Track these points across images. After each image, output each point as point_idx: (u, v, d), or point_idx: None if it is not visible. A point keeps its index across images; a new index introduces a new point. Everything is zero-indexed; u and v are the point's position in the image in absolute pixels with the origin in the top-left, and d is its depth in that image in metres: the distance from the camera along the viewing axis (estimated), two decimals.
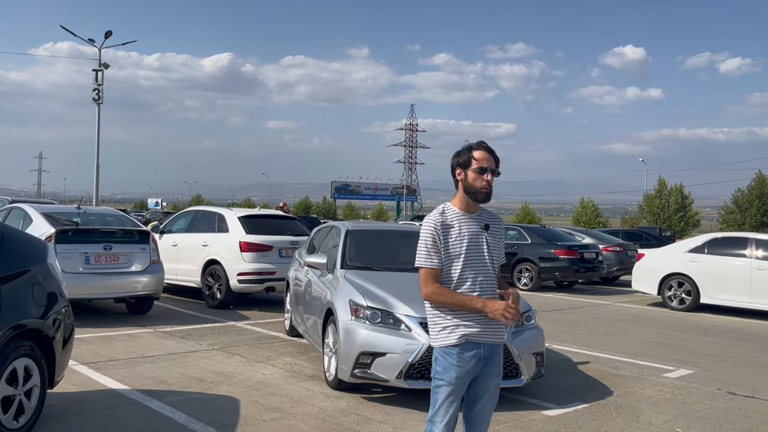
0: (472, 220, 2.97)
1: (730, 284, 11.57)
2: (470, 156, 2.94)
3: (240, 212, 10.88)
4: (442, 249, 2.90)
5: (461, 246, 2.90)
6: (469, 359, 2.89)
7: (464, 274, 2.90)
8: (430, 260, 2.91)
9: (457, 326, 2.89)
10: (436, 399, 2.91)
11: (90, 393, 5.29)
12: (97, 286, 8.46)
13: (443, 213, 2.97)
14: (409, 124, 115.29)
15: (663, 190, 55.02)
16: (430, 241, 2.91)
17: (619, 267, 16.60)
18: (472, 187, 2.93)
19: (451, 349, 2.89)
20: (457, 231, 2.92)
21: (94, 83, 31.84)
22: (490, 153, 2.97)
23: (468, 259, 2.90)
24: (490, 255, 2.96)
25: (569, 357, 7.45)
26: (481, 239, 2.95)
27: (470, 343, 2.89)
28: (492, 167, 2.95)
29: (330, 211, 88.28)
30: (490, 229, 3.00)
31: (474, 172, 2.93)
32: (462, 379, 2.90)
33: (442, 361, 2.91)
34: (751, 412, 5.49)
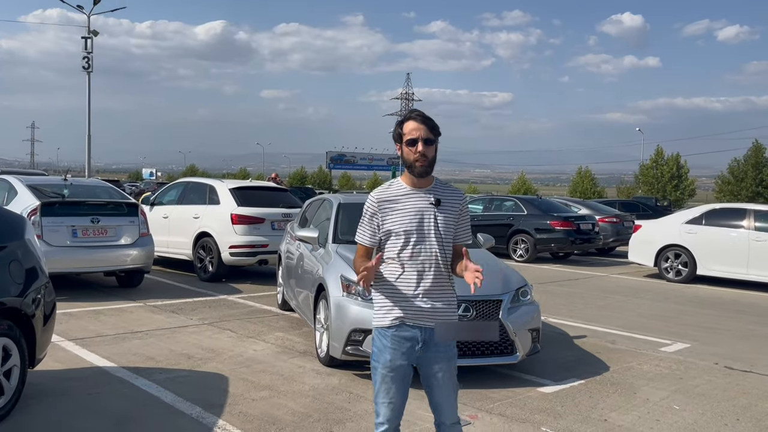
0: (420, 196, 2.79)
1: (727, 256, 11.48)
2: (401, 129, 2.78)
3: (231, 184, 10.68)
4: (383, 226, 2.77)
5: (403, 223, 2.75)
6: (403, 342, 2.75)
7: (405, 252, 2.75)
8: (362, 236, 2.84)
9: (392, 307, 2.76)
10: (375, 380, 2.80)
11: (75, 371, 5.16)
12: (85, 260, 8.30)
13: (388, 188, 2.84)
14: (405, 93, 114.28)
15: (659, 160, 54.83)
16: (366, 217, 2.83)
17: (616, 238, 16.51)
18: (407, 161, 2.77)
19: (385, 331, 2.77)
20: (401, 207, 2.77)
21: (84, 51, 31.28)
22: (421, 121, 2.77)
23: (410, 237, 2.74)
24: (438, 232, 2.76)
25: (565, 331, 7.36)
26: (428, 215, 2.76)
27: (406, 326, 2.75)
28: (426, 136, 2.74)
29: (325, 181, 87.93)
30: (442, 204, 2.79)
31: (406, 146, 2.76)
32: (397, 362, 2.75)
33: (377, 341, 2.80)
34: (750, 387, 5.40)
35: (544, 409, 4.66)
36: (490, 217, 15.80)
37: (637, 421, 4.47)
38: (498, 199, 17.36)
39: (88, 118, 30.44)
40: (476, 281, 2.58)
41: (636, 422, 4.45)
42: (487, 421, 4.37)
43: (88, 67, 31.16)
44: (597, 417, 4.53)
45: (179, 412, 4.31)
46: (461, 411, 4.49)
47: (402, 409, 2.83)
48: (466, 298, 5.10)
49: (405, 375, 2.79)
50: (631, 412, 4.66)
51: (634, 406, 4.79)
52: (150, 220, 9.71)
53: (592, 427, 4.34)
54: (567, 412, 4.61)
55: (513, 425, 4.31)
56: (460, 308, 5.04)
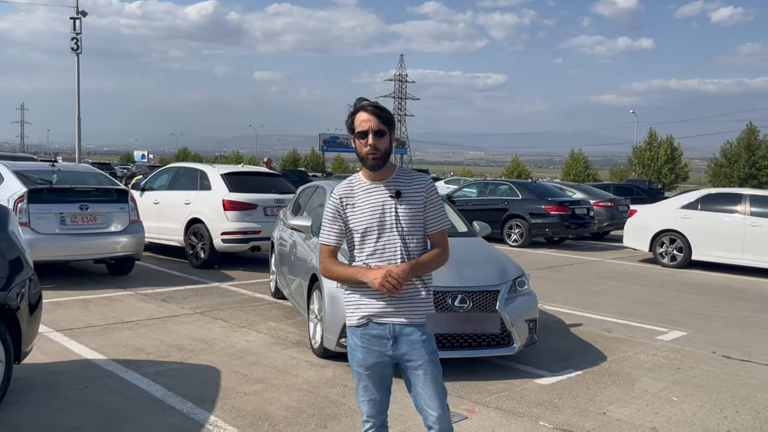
0: (381, 189, 2.65)
1: (722, 241, 11.44)
2: (352, 121, 2.63)
3: (223, 169, 10.53)
4: (347, 223, 2.66)
5: (363, 219, 2.64)
6: (374, 339, 2.64)
7: (367, 249, 2.64)
8: (327, 236, 2.71)
9: (359, 305, 2.66)
10: (354, 378, 2.75)
11: (63, 364, 5.05)
12: (74, 248, 8.16)
13: (349, 184, 2.71)
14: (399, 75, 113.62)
15: (653, 142, 54.85)
16: (330, 216, 2.70)
17: (610, 222, 16.48)
18: (359, 154, 2.64)
19: (354, 329, 2.69)
20: (359, 203, 2.66)
21: (72, 32, 30.79)
22: (372, 112, 2.61)
23: (370, 233, 2.63)
24: (400, 225, 2.62)
25: (561, 319, 7.30)
26: (388, 208, 2.63)
27: (374, 323, 2.63)
28: (376, 128, 2.58)
29: (318, 164, 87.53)
30: (403, 195, 2.64)
31: (357, 138, 2.62)
32: (369, 360, 2.65)
33: (349, 340, 2.73)
34: (748, 377, 5.35)
35: (542, 402, 4.59)
36: (485, 201, 15.71)
37: (636, 414, 4.41)
38: (492, 183, 17.25)
39: (78, 100, 30.04)
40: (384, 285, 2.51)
41: (635, 415, 4.39)
42: (484, 415, 4.30)
43: (77, 48, 30.70)
44: (595, 410, 4.46)
45: (170, 408, 4.21)
46: (458, 404, 4.45)
47: (385, 405, 2.76)
48: (462, 289, 5.01)
49: (381, 373, 2.69)
50: (629, 404, 4.60)
51: (632, 398, 4.73)
52: (140, 205, 9.56)
53: (591, 420, 4.27)
54: (565, 405, 4.54)
55: (510, 419, 4.23)
56: (456, 299, 4.96)
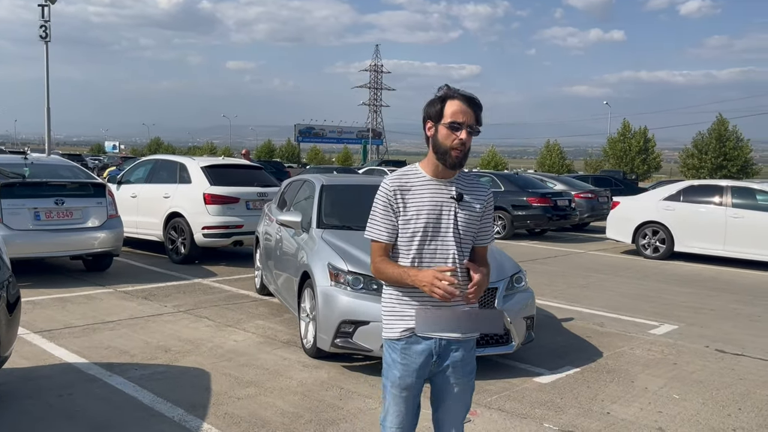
0: (441, 188, 2.40)
1: (704, 232, 11.50)
2: (442, 107, 2.33)
3: (203, 161, 10.24)
4: (399, 219, 2.39)
5: (419, 218, 2.37)
6: (416, 356, 2.39)
7: (418, 250, 2.38)
8: (377, 232, 2.41)
9: (403, 315, 2.39)
10: (385, 398, 2.47)
11: (43, 368, 4.81)
12: (50, 244, 7.84)
13: (404, 175, 2.43)
14: (374, 65, 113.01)
15: (627, 133, 55.35)
16: (381, 210, 2.40)
17: (591, 213, 16.52)
18: (441, 147, 2.34)
19: (394, 343, 2.42)
20: (417, 198, 2.38)
21: (41, 19, 29.97)
22: (469, 104, 2.35)
23: (426, 234, 2.38)
24: (457, 230, 2.39)
25: (553, 313, 7.22)
26: (448, 211, 2.39)
27: (418, 337, 2.38)
28: (469, 122, 2.33)
29: (294, 154, 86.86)
30: (464, 199, 2.41)
31: (445, 128, 2.33)
32: (407, 380, 2.41)
33: (387, 355, 2.45)
34: (745, 372, 5.32)
35: (544, 402, 4.48)
36: None
37: (640, 414, 4.32)
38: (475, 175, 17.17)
39: (47, 89, 29.25)
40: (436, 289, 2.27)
41: (639, 414, 4.31)
42: (487, 417, 4.17)
43: (45, 37, 29.88)
44: (598, 410, 4.37)
45: (160, 415, 4.01)
46: None
47: (413, 431, 2.53)
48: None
49: (417, 393, 2.47)
50: (632, 403, 4.52)
51: (634, 397, 4.64)
52: (117, 199, 9.26)
53: (596, 421, 4.18)
54: (567, 404, 4.44)
55: (515, 422, 4.12)
56: None
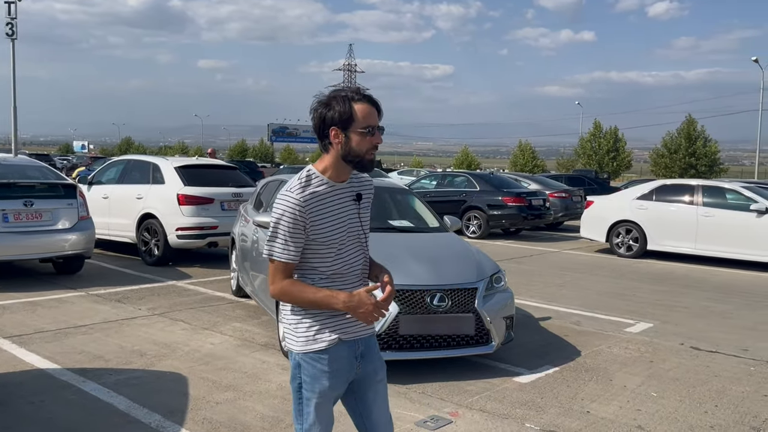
0: (344, 191, 2.30)
1: (676, 230, 11.68)
2: (351, 111, 2.19)
3: (177, 162, 10.08)
4: (308, 233, 2.21)
5: (333, 228, 2.24)
6: (343, 362, 2.31)
7: (337, 263, 2.28)
8: (285, 251, 2.20)
9: (324, 325, 2.27)
10: (308, 412, 2.30)
11: (13, 375, 4.67)
12: (19, 247, 7.64)
13: (308, 185, 2.23)
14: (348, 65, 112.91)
15: (598, 133, 56.12)
16: (289, 226, 2.18)
17: (565, 213, 16.69)
18: (356, 152, 2.21)
19: (320, 355, 2.27)
20: (330, 210, 2.24)
21: (7, 17, 29.39)
22: (375, 105, 2.24)
23: (342, 245, 2.28)
24: (363, 232, 2.35)
25: (530, 312, 7.26)
26: (353, 215, 2.31)
27: (343, 343, 2.30)
28: (379, 124, 2.25)
29: (267, 154, 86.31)
30: (362, 199, 2.35)
31: (360, 134, 2.20)
32: (339, 388, 2.34)
33: (308, 369, 2.27)
34: (720, 369, 5.39)
35: (524, 401, 4.48)
36: (443, 193, 15.66)
37: (619, 412, 4.35)
38: (450, 174, 17.24)
39: (14, 88, 28.66)
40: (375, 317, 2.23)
41: (618, 413, 4.34)
42: (468, 418, 4.16)
43: (12, 34, 29.32)
44: (579, 409, 4.39)
45: (136, 421, 3.92)
46: (441, 407, 4.31)
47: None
48: (440, 287, 4.86)
49: (338, 396, 2.40)
50: (611, 401, 4.55)
51: (613, 395, 4.68)
52: (88, 200, 9.07)
53: (576, 420, 4.19)
54: (548, 404, 4.45)
55: (496, 422, 4.11)
56: (435, 298, 4.80)
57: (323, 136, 2.24)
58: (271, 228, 2.23)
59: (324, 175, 2.26)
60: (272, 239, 2.22)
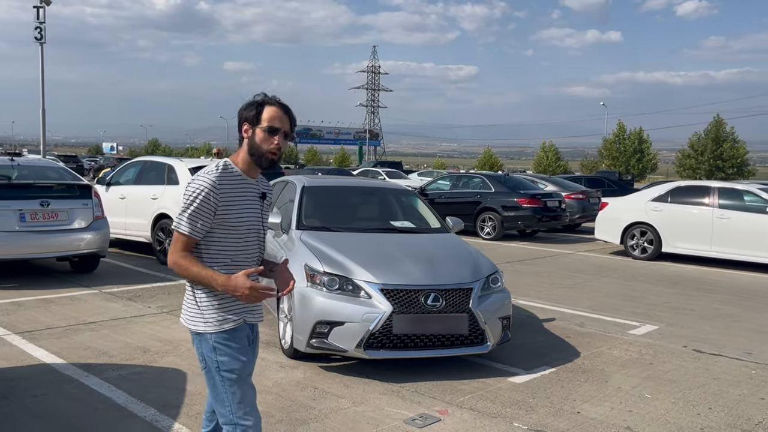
0: (252, 187, 2.56)
1: (691, 233, 11.55)
2: (260, 111, 2.48)
3: (191, 163, 10.26)
4: (217, 216, 2.43)
5: (240, 216, 2.48)
6: (244, 341, 2.55)
7: (238, 252, 2.52)
8: (191, 226, 2.41)
9: (233, 306, 2.50)
10: (233, 392, 2.46)
11: (21, 369, 4.84)
12: (36, 246, 7.87)
13: (226, 173, 2.47)
14: (372, 66, 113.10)
15: (622, 134, 55.46)
16: (201, 203, 2.40)
17: (582, 214, 16.56)
18: (258, 149, 2.47)
19: (229, 334, 2.49)
20: (237, 197, 2.48)
21: (36, 21, 30.05)
22: (285, 111, 2.52)
23: (243, 234, 2.51)
24: (264, 230, 2.64)
25: (535, 314, 7.26)
26: (258, 211, 2.57)
27: (245, 324, 2.56)
28: (285, 129, 2.50)
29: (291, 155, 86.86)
30: (266, 199, 2.62)
31: (263, 132, 2.47)
32: (251, 363, 2.59)
33: (224, 349, 2.47)
34: (719, 372, 5.36)
35: (516, 401, 4.52)
36: (458, 194, 15.67)
37: (610, 413, 4.37)
38: (465, 176, 17.24)
39: (42, 91, 29.27)
40: (252, 299, 2.43)
41: (609, 414, 4.35)
42: (457, 416, 4.21)
43: (40, 38, 29.95)
44: (569, 409, 4.41)
45: (132, 415, 4.04)
46: (431, 405, 4.37)
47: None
48: (435, 287, 4.91)
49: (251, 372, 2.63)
50: (603, 402, 4.56)
51: (606, 396, 4.69)
52: (107, 200, 9.29)
53: (565, 420, 4.22)
54: (539, 404, 4.48)
55: (484, 421, 4.15)
56: (429, 298, 4.86)
57: (239, 131, 2.54)
58: (185, 203, 2.43)
59: (237, 167, 2.53)
60: (183, 212, 2.43)
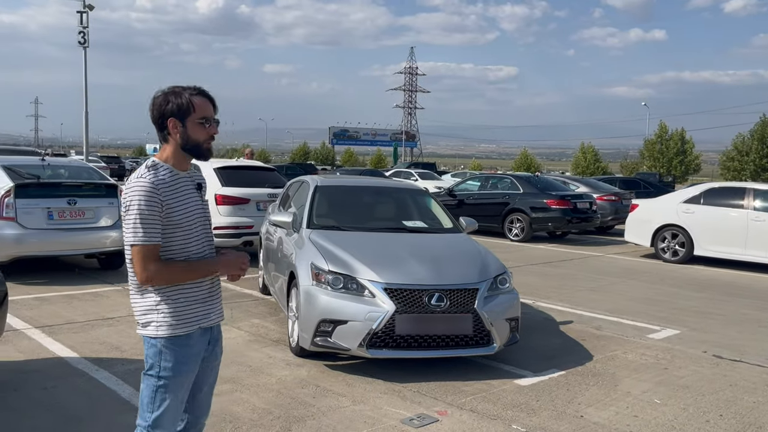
0: (187, 180, 2.48)
1: (725, 236, 11.21)
2: (189, 104, 2.39)
3: (216, 163, 10.44)
4: (165, 218, 2.35)
5: (184, 212, 2.41)
6: (201, 346, 2.49)
7: (189, 247, 2.43)
8: (148, 235, 2.30)
9: (186, 311, 2.42)
10: (163, 399, 2.40)
11: (35, 362, 4.98)
12: (63, 243, 8.10)
13: (158, 171, 2.38)
14: (409, 68, 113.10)
15: (663, 135, 54.22)
16: (147, 210, 2.30)
17: (614, 216, 16.22)
18: (194, 141, 2.42)
19: (185, 339, 2.41)
20: (176, 193, 2.40)
21: (79, 26, 30.93)
22: (212, 101, 2.47)
23: (190, 228, 2.44)
24: (208, 221, 2.56)
25: (552, 316, 7.15)
26: (197, 202, 2.50)
27: (202, 329, 2.49)
28: (214, 116, 2.47)
29: (329, 157, 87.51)
30: (202, 189, 2.56)
31: (197, 124, 2.41)
32: (196, 370, 2.50)
33: (171, 354, 2.39)
34: (737, 378, 5.19)
35: (519, 404, 4.46)
36: (486, 195, 15.54)
37: (614, 418, 4.27)
38: (494, 177, 17.08)
39: (85, 94, 30.11)
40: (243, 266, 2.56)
41: (613, 418, 4.25)
42: (456, 417, 4.18)
43: (84, 42, 30.82)
44: (573, 413, 4.33)
45: (134, 409, 4.04)
46: (431, 405, 4.34)
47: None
48: (439, 287, 4.89)
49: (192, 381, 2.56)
50: (609, 407, 4.46)
51: (613, 400, 4.59)
52: None
53: (566, 424, 4.14)
54: (542, 407, 4.41)
55: (483, 422, 4.11)
56: (433, 298, 4.83)
57: (162, 128, 2.43)
58: (129, 217, 2.31)
59: (167, 164, 2.44)
60: (133, 226, 2.30)
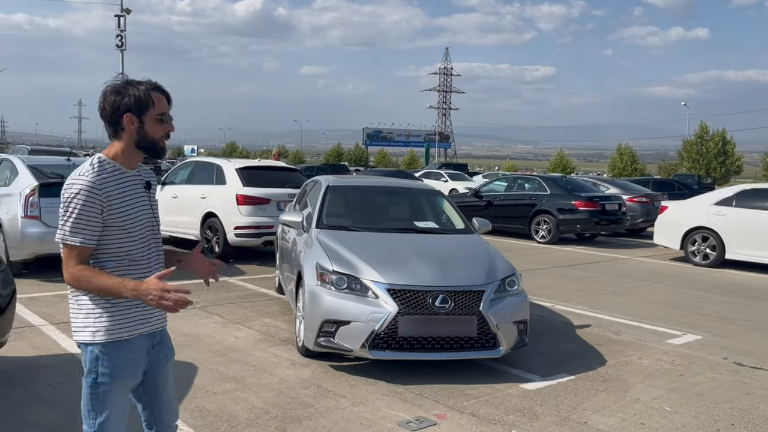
0: (135, 179, 2.37)
1: (758, 239, 10.84)
2: (147, 99, 2.28)
3: (239, 163, 10.54)
4: (105, 218, 2.24)
5: (129, 213, 2.30)
6: (141, 351, 2.39)
7: (133, 250, 2.32)
8: (83, 236, 2.20)
9: (127, 315, 2.32)
10: (104, 406, 2.31)
11: (46, 358, 5.08)
12: None
13: (105, 171, 2.26)
14: (444, 68, 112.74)
15: (704, 136, 52.89)
16: (86, 209, 2.19)
17: (645, 218, 15.86)
18: (150, 138, 2.31)
19: (123, 344, 2.32)
20: (121, 192, 2.29)
21: (117, 29, 31.63)
22: (167, 96, 2.37)
23: (137, 230, 2.33)
24: (157, 221, 2.45)
25: (570, 320, 7.01)
26: (146, 202, 2.39)
27: (142, 335, 2.38)
28: (169, 113, 2.38)
29: (362, 158, 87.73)
30: (151, 188, 2.45)
31: (154, 120, 2.30)
32: (136, 375, 2.40)
33: (108, 360, 2.29)
34: (756, 386, 5.00)
35: (521, 408, 4.36)
36: (513, 197, 15.35)
37: (620, 425, 4.15)
38: (522, 178, 16.86)
39: None
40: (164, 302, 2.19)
41: (618, 426, 4.13)
42: (455, 421, 4.11)
43: (121, 45, 31.50)
44: (576, 419, 4.22)
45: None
46: (431, 409, 4.28)
47: None
48: (443, 289, 4.82)
49: (135, 385, 2.47)
50: (615, 413, 4.34)
51: (620, 407, 4.46)
52: (160, 199, 9.58)
53: (568, 430, 4.03)
54: (545, 412, 4.31)
55: (482, 426, 4.03)
56: (438, 299, 4.77)
57: (115, 123, 2.29)
58: (64, 211, 2.22)
59: (115, 162, 2.32)
60: (65, 223, 2.22)
